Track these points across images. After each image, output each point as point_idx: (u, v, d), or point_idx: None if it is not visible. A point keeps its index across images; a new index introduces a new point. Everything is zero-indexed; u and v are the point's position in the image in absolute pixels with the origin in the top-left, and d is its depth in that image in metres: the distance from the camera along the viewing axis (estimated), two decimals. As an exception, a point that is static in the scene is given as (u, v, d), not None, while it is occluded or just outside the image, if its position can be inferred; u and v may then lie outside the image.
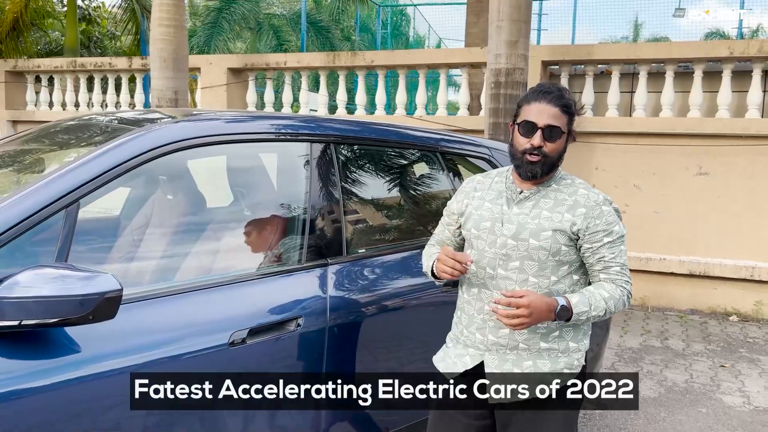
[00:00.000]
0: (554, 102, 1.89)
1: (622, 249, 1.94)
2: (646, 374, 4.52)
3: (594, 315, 1.86)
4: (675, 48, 6.48)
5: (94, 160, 1.88)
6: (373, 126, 2.76)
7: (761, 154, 6.03)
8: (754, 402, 4.08)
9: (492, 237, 1.93)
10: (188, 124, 2.10)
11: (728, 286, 6.19)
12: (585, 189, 1.96)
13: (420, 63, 7.15)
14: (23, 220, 1.71)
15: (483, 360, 1.93)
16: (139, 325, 1.82)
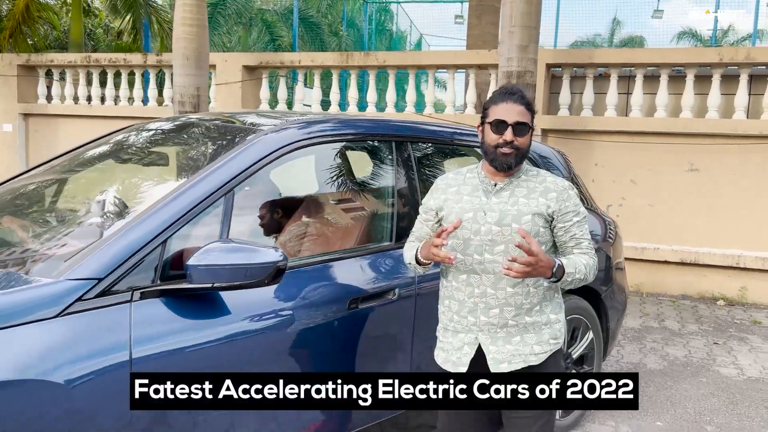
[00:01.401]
0: (519, 101, 2.09)
1: (586, 227, 2.17)
2: (650, 350, 5.01)
3: (577, 278, 2.07)
4: (669, 53, 7.00)
5: (241, 155, 2.27)
6: (436, 127, 3.18)
7: (747, 152, 6.57)
8: (746, 373, 4.60)
9: (476, 226, 2.08)
10: (305, 126, 2.50)
11: (716, 273, 6.73)
12: (551, 177, 2.18)
13: (429, 64, 7.58)
14: (197, 204, 2.09)
15: (480, 343, 2.09)
16: (287, 290, 2.22)
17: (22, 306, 1.72)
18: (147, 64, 8.77)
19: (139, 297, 1.90)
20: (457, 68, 7.61)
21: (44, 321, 1.73)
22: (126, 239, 1.93)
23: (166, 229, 2.00)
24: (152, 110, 8.82)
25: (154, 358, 1.88)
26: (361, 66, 7.82)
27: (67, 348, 1.74)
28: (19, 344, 1.68)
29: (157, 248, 1.97)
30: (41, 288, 1.77)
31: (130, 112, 8.92)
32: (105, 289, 1.85)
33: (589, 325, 3.55)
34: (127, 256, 1.90)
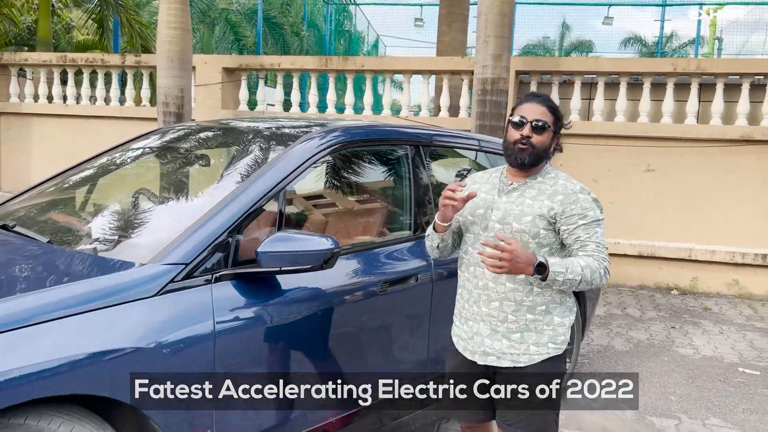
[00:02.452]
0: (542, 102, 2.18)
1: (597, 231, 2.14)
2: (616, 335, 5.52)
3: (570, 278, 2.03)
4: (628, 63, 7.57)
5: (290, 157, 2.60)
6: (441, 131, 3.56)
7: (697, 155, 7.18)
8: (701, 352, 5.14)
9: (484, 222, 2.20)
10: (346, 130, 2.85)
11: (670, 265, 7.32)
12: (565, 180, 2.21)
13: (406, 69, 7.96)
14: (258, 200, 2.42)
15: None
16: (331, 273, 2.56)
17: (129, 286, 2.02)
18: (125, 64, 8.89)
19: (217, 279, 2.22)
20: (432, 73, 8.00)
21: (147, 299, 2.04)
22: (204, 231, 2.24)
23: (235, 221, 2.31)
24: (130, 110, 8.95)
25: (231, 330, 2.19)
26: (339, 70, 8.15)
27: (166, 322, 2.05)
28: (130, 318, 1.98)
29: (229, 238, 2.28)
30: (142, 271, 2.08)
31: (107, 111, 9.03)
32: (190, 272, 2.16)
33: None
34: (206, 245, 2.22)
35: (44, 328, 1.82)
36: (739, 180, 7.07)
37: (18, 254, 2.31)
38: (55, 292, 1.93)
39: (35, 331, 1.80)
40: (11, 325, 1.78)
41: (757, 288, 7.07)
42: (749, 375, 4.64)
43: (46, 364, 1.78)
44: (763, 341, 5.49)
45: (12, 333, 1.77)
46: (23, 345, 1.77)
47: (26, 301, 1.86)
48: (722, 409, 4.00)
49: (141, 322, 2.00)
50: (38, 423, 1.78)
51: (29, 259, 2.26)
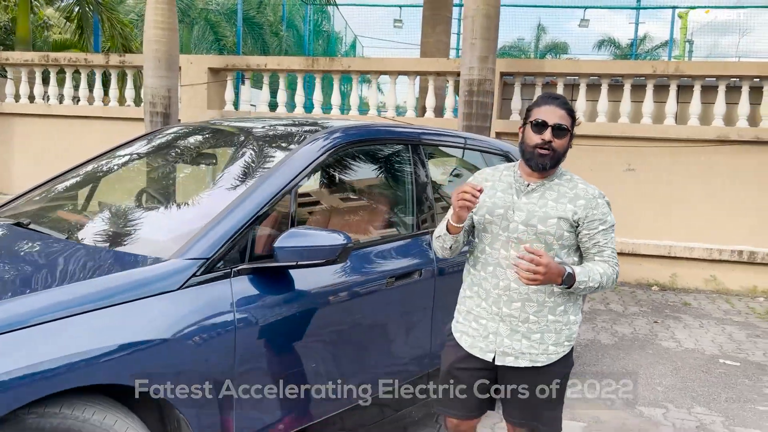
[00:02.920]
0: (561, 106, 2.18)
1: (612, 236, 2.21)
2: (601, 329, 5.68)
3: (590, 286, 2.12)
4: (609, 65, 7.77)
5: (301, 156, 2.68)
6: (440, 131, 3.67)
7: (676, 154, 7.39)
8: (684, 345, 5.32)
9: (505, 222, 2.19)
10: (350, 130, 2.94)
11: (650, 262, 7.53)
12: (583, 184, 2.24)
13: (392, 70, 8.06)
14: (271, 198, 2.49)
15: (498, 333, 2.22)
16: (343, 267, 2.65)
17: (154, 280, 2.09)
18: (110, 64, 8.85)
19: (236, 273, 2.29)
20: (418, 74, 8.12)
21: (171, 293, 2.10)
22: (223, 227, 2.31)
23: (251, 218, 2.38)
24: (115, 110, 8.92)
25: (250, 321, 2.27)
26: (326, 70, 8.22)
27: (189, 314, 2.12)
28: (156, 311, 2.05)
29: (246, 234, 2.36)
30: (167, 266, 2.14)
31: (90, 111, 8.98)
32: (210, 267, 2.23)
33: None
34: (225, 241, 2.28)
35: (75, 321, 1.88)
36: (715, 179, 7.30)
37: (39, 250, 2.36)
38: (83, 286, 1.98)
39: (66, 324, 1.86)
40: (45, 318, 1.83)
41: (734, 284, 7.31)
42: (730, 366, 4.82)
43: (79, 355, 1.83)
44: (741, 334, 5.69)
45: (45, 326, 1.82)
46: (56, 337, 1.83)
47: (57, 295, 1.92)
48: (706, 398, 4.16)
49: (166, 315, 2.06)
50: (72, 412, 1.84)
51: (51, 255, 2.31)
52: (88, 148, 8.86)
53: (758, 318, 6.30)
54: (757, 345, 5.39)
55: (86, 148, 8.90)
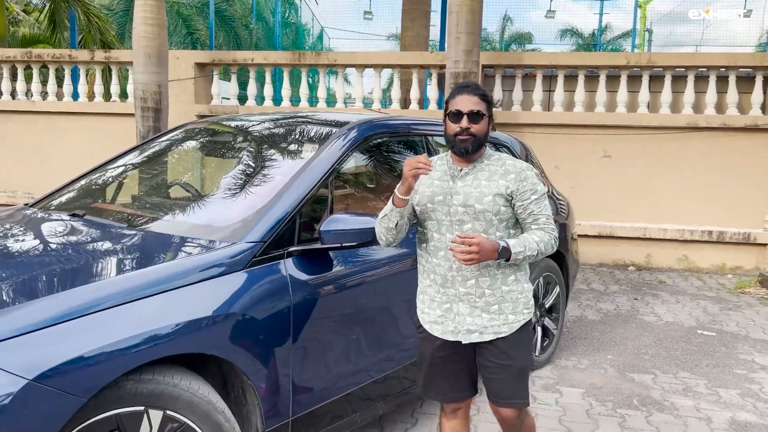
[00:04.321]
0: (473, 92, 2.30)
1: (545, 203, 2.33)
2: (586, 306, 6.05)
3: (529, 254, 2.24)
4: (585, 57, 8.12)
5: (333, 147, 2.92)
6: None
7: (648, 141, 7.80)
8: (664, 319, 5.72)
9: (446, 207, 2.31)
10: (375, 122, 3.19)
11: (626, 243, 7.94)
12: (511, 160, 2.36)
13: (377, 63, 8.29)
14: (313, 186, 2.74)
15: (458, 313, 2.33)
16: (375, 248, 2.90)
17: (224, 262, 2.33)
18: (94, 60, 8.90)
19: (288, 255, 2.54)
20: (402, 68, 8.37)
21: (237, 272, 2.35)
22: (274, 213, 2.55)
23: (297, 205, 2.63)
24: (100, 106, 8.97)
25: (302, 296, 2.52)
26: (312, 64, 8.41)
27: (253, 290, 2.36)
28: (227, 288, 2.29)
29: (294, 220, 2.60)
30: (234, 249, 2.38)
31: (76, 107, 9.01)
32: (266, 249, 2.47)
33: (557, 281, 4.46)
34: (277, 226, 2.53)
35: (163, 298, 2.11)
36: (686, 164, 7.73)
37: (103, 238, 2.57)
38: (167, 268, 2.21)
39: (156, 301, 2.09)
40: (141, 295, 2.06)
41: (704, 262, 7.77)
42: (707, 336, 5.22)
43: (168, 328, 2.07)
44: (714, 308, 6.12)
45: (140, 302, 2.05)
46: (148, 312, 2.06)
47: (147, 275, 2.15)
48: (689, 365, 4.55)
49: (235, 291, 2.30)
50: (164, 378, 2.07)
51: (118, 242, 2.52)
52: (72, 145, 8.97)
53: (728, 293, 6.75)
54: (729, 317, 5.81)
55: (71, 145, 9.00)
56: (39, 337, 1.82)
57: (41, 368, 1.77)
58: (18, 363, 1.75)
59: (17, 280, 2.11)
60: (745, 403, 3.88)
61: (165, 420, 2.06)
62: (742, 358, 4.70)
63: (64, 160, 9.04)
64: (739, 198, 7.66)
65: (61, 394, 1.80)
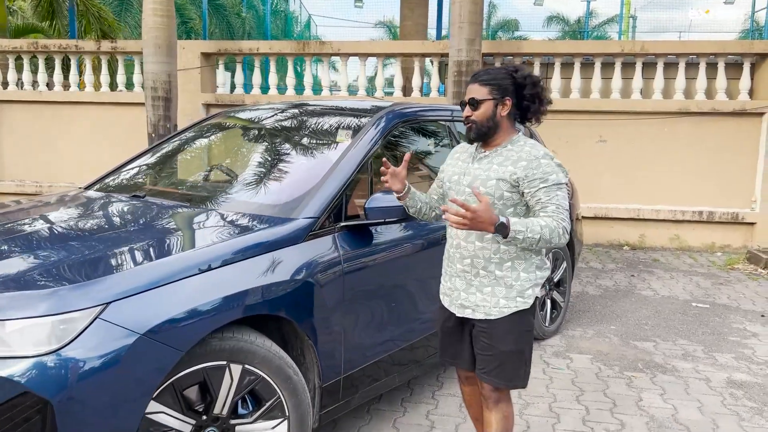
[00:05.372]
0: (474, 80, 2.38)
1: (558, 194, 2.26)
2: (587, 283, 6.39)
3: (530, 237, 2.16)
4: (581, 45, 8.41)
5: (370, 132, 3.19)
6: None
7: (642, 125, 8.13)
8: (660, 293, 6.07)
9: (458, 187, 2.41)
10: (404, 109, 3.47)
11: (621, 224, 8.29)
12: (530, 147, 2.33)
13: (380, 52, 8.54)
14: (356, 167, 3.01)
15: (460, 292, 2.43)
16: (411, 226, 3.19)
17: (288, 235, 2.61)
18: (101, 50, 9.05)
19: (338, 230, 2.82)
20: (404, 56, 8.61)
21: (298, 244, 2.62)
22: (325, 192, 2.83)
23: (344, 184, 2.91)
24: (107, 95, 9.14)
25: (351, 265, 2.80)
26: (316, 54, 8.64)
27: (311, 260, 2.64)
28: (291, 258, 2.56)
29: (341, 198, 2.88)
30: (296, 224, 2.66)
31: (83, 97, 9.17)
32: (320, 224, 2.75)
33: (564, 257, 4.77)
34: (328, 203, 2.81)
35: (240, 266, 2.39)
36: (678, 147, 8.07)
37: (176, 215, 2.84)
38: (243, 240, 2.49)
39: (234, 269, 2.37)
40: (221, 264, 2.34)
41: (695, 241, 8.14)
42: (701, 308, 5.58)
43: (247, 292, 2.35)
44: (707, 283, 6.49)
45: (221, 270, 2.33)
46: (229, 279, 2.33)
47: (227, 247, 2.42)
48: (686, 333, 4.89)
49: (298, 260, 2.59)
50: (242, 336, 2.35)
51: (191, 219, 2.79)
52: (79, 134, 9.14)
53: (718, 269, 7.12)
54: (721, 291, 6.18)
55: (77, 134, 9.18)
56: (145, 298, 2.09)
57: (149, 324, 2.05)
58: (131, 320, 2.03)
59: (117, 250, 2.37)
60: (740, 365, 4.23)
61: (244, 373, 2.34)
62: (735, 327, 5.05)
63: (71, 149, 9.22)
64: (728, 180, 8.03)
65: (165, 347, 2.08)
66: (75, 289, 2.03)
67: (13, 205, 3.33)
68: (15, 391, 1.87)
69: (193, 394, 2.30)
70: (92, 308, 1.98)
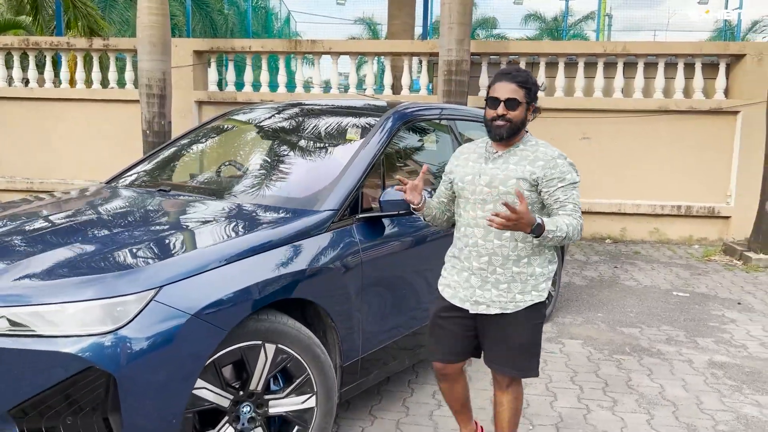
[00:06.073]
0: (511, 80, 2.37)
1: (574, 193, 2.38)
2: (573, 274, 6.68)
3: (558, 235, 2.27)
4: (565, 45, 8.71)
5: (382, 129, 3.41)
6: (466, 109, 4.44)
7: (624, 123, 8.44)
8: (642, 283, 6.38)
9: (472, 187, 2.44)
10: (411, 109, 3.69)
11: (603, 218, 8.60)
12: (545, 147, 2.43)
13: (370, 51, 8.74)
14: (369, 164, 3.22)
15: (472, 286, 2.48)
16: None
17: (312, 226, 2.81)
18: (93, 48, 9.12)
19: (356, 221, 3.03)
20: (394, 55, 8.82)
21: (321, 234, 2.83)
22: (343, 185, 3.04)
23: (359, 179, 3.12)
24: (99, 93, 9.22)
25: (369, 254, 3.01)
26: (308, 52, 8.82)
27: (333, 248, 2.85)
28: (314, 247, 2.77)
29: (357, 192, 3.09)
30: (319, 216, 2.87)
31: (75, 94, 9.24)
32: (340, 216, 2.96)
33: (555, 249, 5.03)
34: (347, 196, 3.02)
35: (273, 254, 2.59)
36: (657, 144, 8.41)
37: (203, 208, 3.03)
38: (275, 231, 2.69)
39: (268, 256, 2.57)
40: (256, 252, 2.54)
41: (673, 234, 8.49)
42: (682, 297, 5.89)
43: (280, 278, 2.55)
44: (686, 273, 6.82)
45: (256, 257, 2.53)
46: (265, 266, 2.54)
47: (262, 237, 2.62)
48: (669, 320, 5.19)
49: (321, 249, 2.79)
50: (276, 318, 2.56)
51: (217, 212, 2.98)
52: (70, 131, 9.21)
53: (697, 261, 7.46)
54: (699, 281, 6.51)
55: (69, 131, 9.24)
56: (193, 282, 2.29)
57: (198, 306, 2.25)
58: (182, 302, 2.22)
59: (164, 239, 2.57)
60: (720, 348, 4.53)
61: (277, 352, 2.54)
62: (714, 314, 5.37)
63: (63, 145, 9.29)
64: (705, 175, 8.38)
65: (212, 327, 2.28)
66: (131, 274, 2.23)
67: (47, 197, 3.50)
68: (81, 366, 2.06)
69: (232, 372, 2.50)
70: (147, 291, 2.18)
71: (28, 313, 2.12)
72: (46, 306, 2.12)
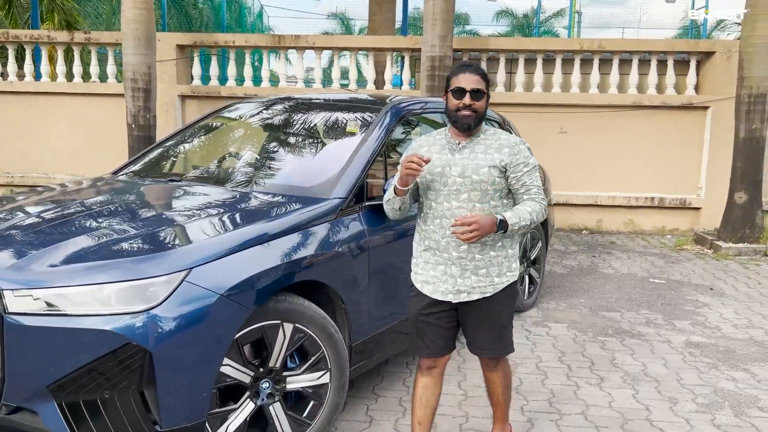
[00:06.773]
0: (475, 72, 2.47)
1: (536, 175, 2.51)
2: (554, 263, 6.92)
3: (523, 225, 2.41)
4: (544, 42, 8.96)
5: (383, 122, 3.57)
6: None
7: (599, 118, 8.72)
8: (620, 271, 6.65)
9: (444, 178, 2.48)
10: (406, 103, 3.86)
11: (580, 210, 8.88)
12: (505, 135, 2.55)
13: (353, 46, 8.88)
14: (372, 154, 3.38)
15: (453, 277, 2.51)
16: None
17: (324, 213, 2.97)
18: (74, 41, 9.09)
19: (362, 209, 3.19)
20: (377, 51, 8.97)
21: (331, 221, 2.99)
22: (350, 174, 3.20)
23: (365, 168, 3.28)
24: (81, 86, 9.19)
25: (375, 240, 3.17)
26: (291, 47, 8.91)
27: (342, 234, 3.01)
28: (325, 233, 2.93)
29: (363, 181, 3.25)
30: (330, 203, 3.03)
31: (54, 88, 9.20)
32: (348, 204, 3.12)
33: (540, 237, 5.26)
34: (354, 185, 3.18)
35: (291, 238, 2.75)
36: (632, 138, 8.71)
37: (218, 196, 3.16)
38: (294, 217, 2.85)
39: (286, 241, 2.72)
40: (272, 238, 2.68)
41: (647, 225, 8.81)
42: (658, 283, 6.17)
43: (298, 261, 2.71)
44: (660, 262, 7.12)
45: (276, 241, 2.68)
46: (284, 249, 2.69)
47: (278, 223, 2.77)
48: (647, 304, 5.46)
49: (331, 235, 2.95)
50: (294, 299, 2.71)
51: (232, 200, 3.11)
52: (52, 125, 9.18)
53: (670, 250, 7.78)
54: (674, 268, 6.81)
55: (51, 125, 9.21)
56: (221, 264, 2.44)
57: (226, 286, 2.39)
58: (211, 282, 2.37)
59: (191, 224, 2.72)
60: (695, 330, 4.80)
61: (294, 331, 2.69)
62: (689, 299, 5.65)
63: (45, 139, 9.25)
64: (677, 168, 8.71)
65: (238, 306, 2.43)
66: (163, 256, 2.37)
67: (71, 184, 3.59)
68: (118, 342, 2.19)
69: (252, 349, 2.65)
70: (179, 272, 2.32)
71: (66, 294, 2.24)
72: (83, 287, 2.25)
